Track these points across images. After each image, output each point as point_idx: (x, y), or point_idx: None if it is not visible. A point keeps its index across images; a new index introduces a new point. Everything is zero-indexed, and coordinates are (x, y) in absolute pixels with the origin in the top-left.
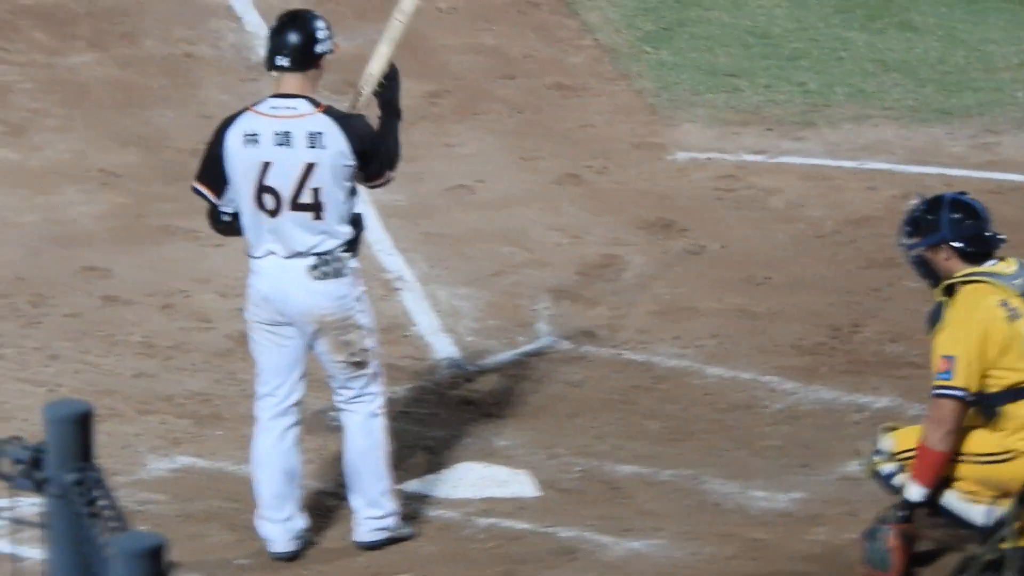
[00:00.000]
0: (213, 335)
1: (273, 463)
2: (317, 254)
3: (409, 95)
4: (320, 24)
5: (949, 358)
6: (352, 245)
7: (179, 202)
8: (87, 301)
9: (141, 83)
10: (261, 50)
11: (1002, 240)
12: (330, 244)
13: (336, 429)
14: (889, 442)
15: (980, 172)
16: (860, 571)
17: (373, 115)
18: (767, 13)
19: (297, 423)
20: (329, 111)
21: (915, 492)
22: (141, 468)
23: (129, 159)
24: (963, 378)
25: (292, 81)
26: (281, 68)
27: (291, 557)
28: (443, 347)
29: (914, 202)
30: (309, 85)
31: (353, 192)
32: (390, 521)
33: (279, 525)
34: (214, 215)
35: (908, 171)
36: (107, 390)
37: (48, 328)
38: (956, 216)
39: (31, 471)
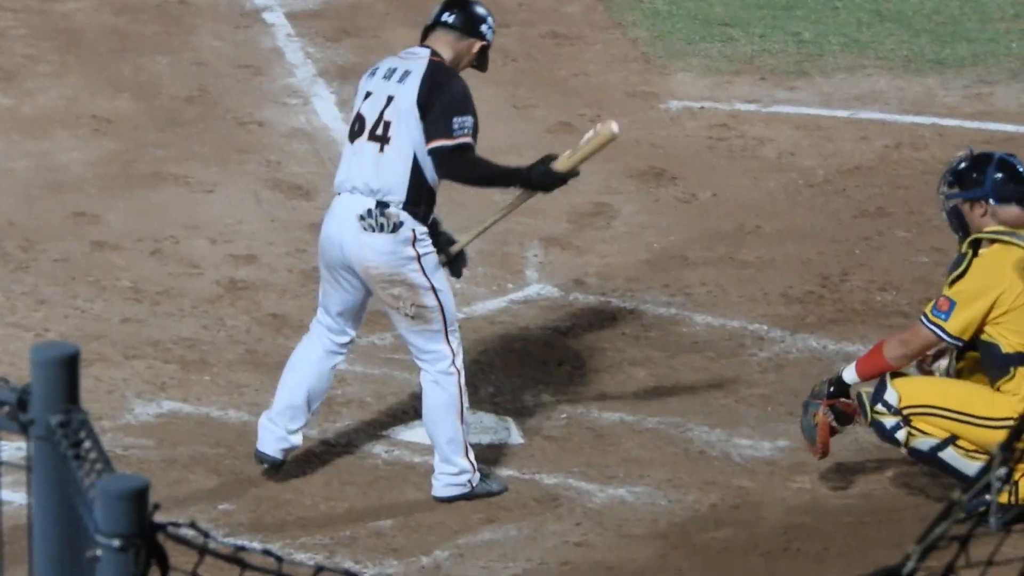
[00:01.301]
0: (202, 281)
1: (302, 374)
2: (376, 202)
3: (403, 44)
4: (486, 16)
5: (952, 302)
6: (415, 208)
7: (171, 148)
8: (77, 246)
9: (135, 30)
10: None
11: None
12: (389, 194)
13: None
14: (894, 395)
15: (973, 122)
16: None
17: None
18: None
19: (343, 356)
20: (435, 61)
21: (849, 376)
22: (127, 413)
23: (122, 105)
24: (956, 326)
25: (439, 37)
26: (437, 24)
27: (271, 463)
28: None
29: (962, 154)
30: (453, 47)
31: (418, 144)
32: (464, 478)
33: (279, 430)
34: None
35: (901, 120)
36: (95, 335)
37: (37, 273)
38: (1001, 176)
39: (16, 413)
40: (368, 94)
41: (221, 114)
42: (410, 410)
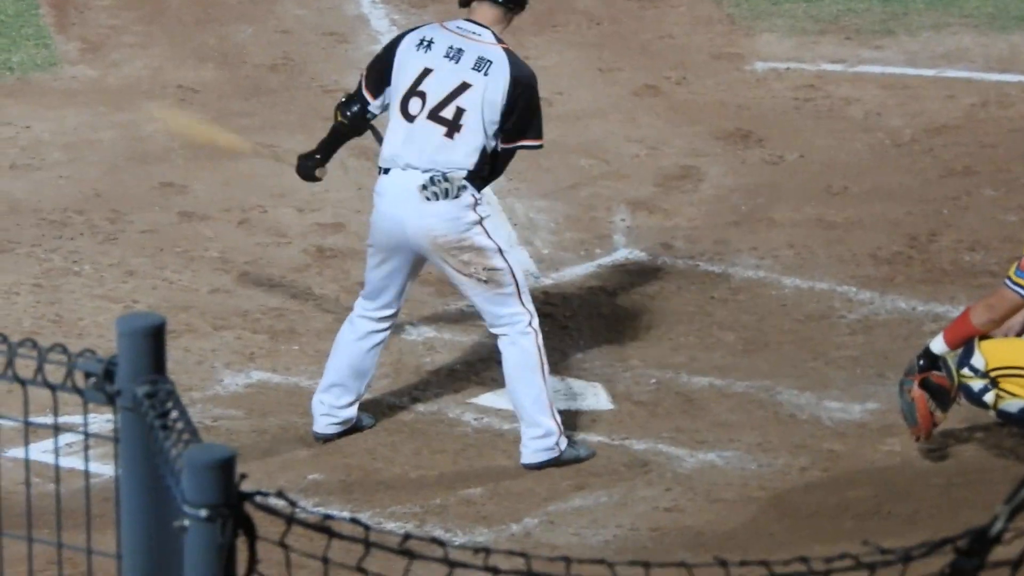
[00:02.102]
0: (290, 250)
1: (345, 354)
2: (432, 173)
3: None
4: None
5: None
6: (476, 176)
7: (256, 117)
8: (164, 217)
9: None
10: None
11: None
12: (449, 167)
13: None
14: (980, 359)
15: None
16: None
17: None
18: None
19: (385, 332)
20: (509, 51)
21: (938, 346)
22: (216, 384)
23: (207, 75)
24: None
25: (487, 12)
26: None
27: (324, 439)
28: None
29: None
30: (500, 23)
31: (497, 135)
32: (552, 440)
33: (325, 407)
34: (347, 104)
35: (987, 79)
36: (183, 306)
37: (125, 244)
38: None
39: (103, 384)
40: (428, 71)
41: (306, 82)
42: (499, 377)
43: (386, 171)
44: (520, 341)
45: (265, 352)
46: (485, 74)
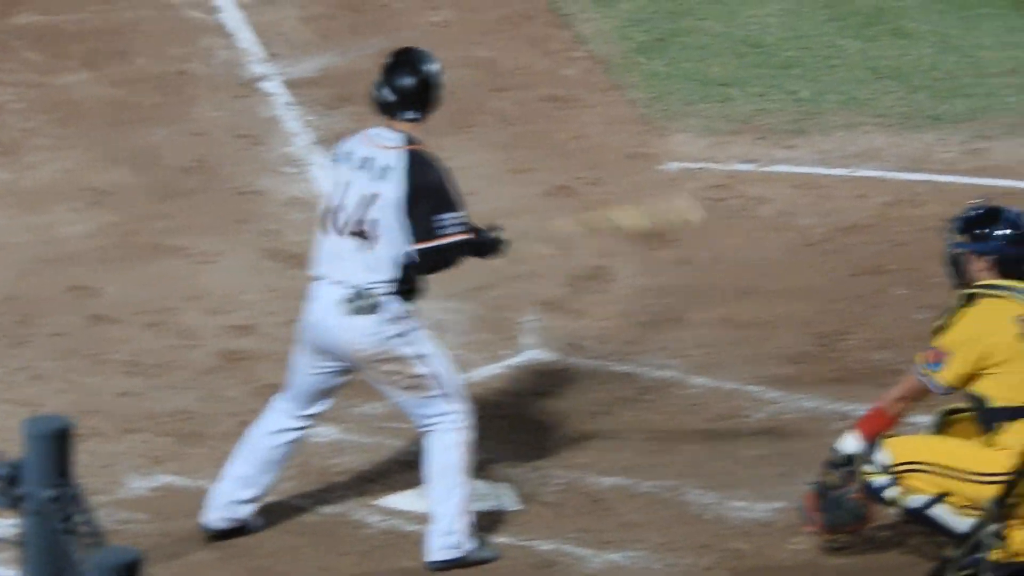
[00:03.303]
0: (199, 353)
1: (257, 446)
2: (356, 287)
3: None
4: (434, 67)
5: (944, 354)
6: (401, 286)
7: (170, 220)
8: (75, 320)
9: (133, 101)
10: (254, 66)
11: None
12: (372, 278)
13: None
14: (885, 455)
15: (970, 178)
16: (819, 536)
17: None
18: (760, 22)
19: (301, 431)
20: (415, 152)
21: (853, 445)
22: (121, 487)
23: (120, 177)
24: (947, 378)
25: (398, 120)
26: (393, 106)
27: (213, 533)
28: None
29: (977, 203)
30: (414, 127)
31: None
32: (457, 539)
33: (223, 499)
34: None
35: (899, 178)
36: (91, 409)
37: (34, 348)
38: (1011, 235)
39: (8, 488)
40: (347, 183)
41: (220, 184)
42: (403, 479)
43: (317, 277)
44: (446, 438)
45: (172, 455)
46: (389, 181)
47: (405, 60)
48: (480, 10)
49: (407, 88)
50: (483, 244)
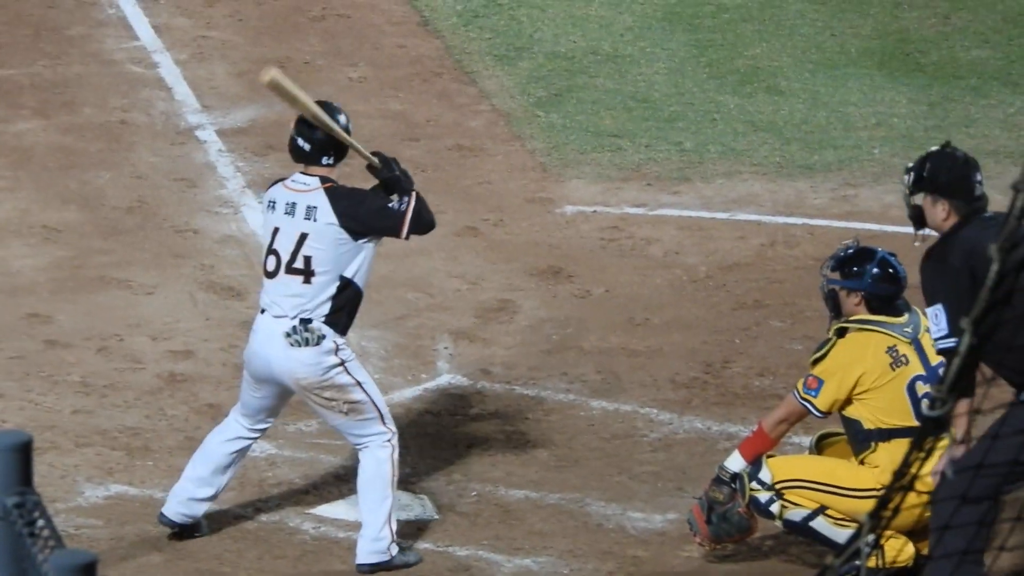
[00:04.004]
0: (144, 375)
1: (211, 451)
2: (299, 320)
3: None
4: (342, 118)
5: (820, 381)
6: (337, 318)
7: (114, 255)
8: (31, 344)
9: (80, 147)
10: (189, 116)
11: (906, 307)
12: (313, 312)
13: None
14: (767, 473)
15: (840, 222)
16: (707, 547)
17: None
18: (647, 80)
19: (252, 440)
20: (331, 188)
21: (737, 464)
22: (78, 496)
23: (69, 216)
24: (824, 403)
25: (312, 168)
26: (308, 157)
27: (170, 528)
28: None
29: (849, 243)
30: (328, 171)
31: (352, 263)
32: (384, 544)
33: (182, 495)
34: None
35: (775, 221)
36: (48, 425)
37: None
38: (879, 274)
39: None
40: (276, 230)
41: (159, 223)
42: (335, 490)
43: (262, 311)
44: (378, 453)
45: (123, 467)
46: (314, 220)
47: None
48: (394, 67)
49: (319, 138)
50: (406, 180)
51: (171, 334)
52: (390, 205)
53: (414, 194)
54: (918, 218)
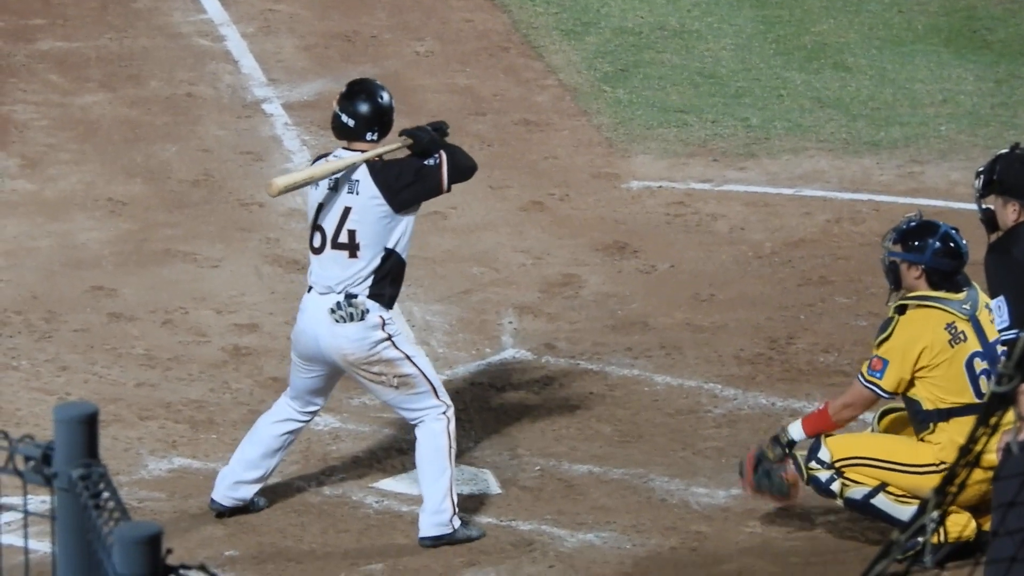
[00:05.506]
0: (209, 348)
1: (262, 433)
2: (344, 295)
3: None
4: (385, 95)
5: (884, 361)
6: (381, 289)
7: (179, 228)
8: (95, 317)
9: (146, 120)
10: (256, 90)
11: (966, 283)
12: (358, 287)
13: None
14: (826, 452)
15: (905, 198)
16: (752, 495)
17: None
18: (714, 55)
19: (303, 423)
20: (371, 164)
21: (797, 433)
22: (142, 468)
23: (135, 189)
24: (890, 383)
25: (357, 144)
26: (353, 132)
27: (219, 511)
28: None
29: (912, 216)
30: (372, 146)
31: (393, 234)
32: (446, 517)
33: (229, 479)
34: None
35: (841, 197)
36: (112, 398)
37: (59, 342)
38: (941, 248)
39: (41, 467)
40: (321, 205)
41: (225, 196)
42: (398, 464)
43: (309, 289)
44: (434, 427)
45: (186, 440)
46: (357, 194)
47: (360, 89)
48: (461, 42)
49: (363, 114)
50: (435, 136)
51: (236, 307)
52: (426, 163)
53: (444, 149)
54: (990, 221)
